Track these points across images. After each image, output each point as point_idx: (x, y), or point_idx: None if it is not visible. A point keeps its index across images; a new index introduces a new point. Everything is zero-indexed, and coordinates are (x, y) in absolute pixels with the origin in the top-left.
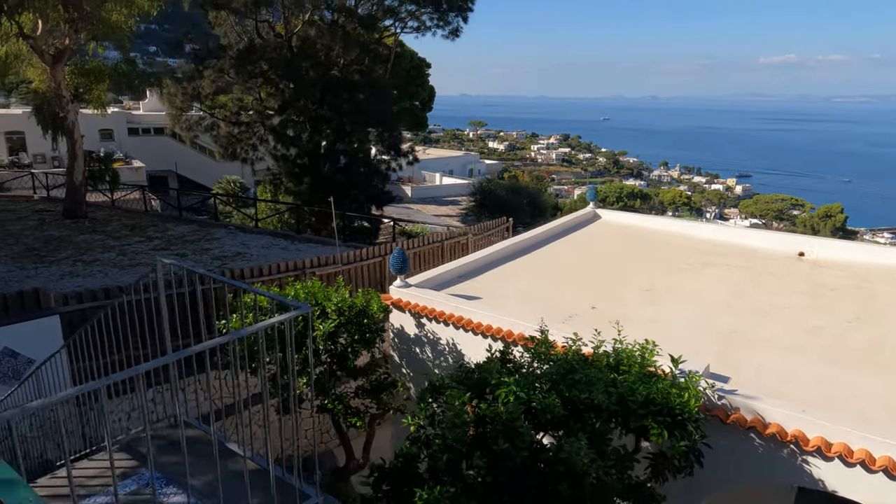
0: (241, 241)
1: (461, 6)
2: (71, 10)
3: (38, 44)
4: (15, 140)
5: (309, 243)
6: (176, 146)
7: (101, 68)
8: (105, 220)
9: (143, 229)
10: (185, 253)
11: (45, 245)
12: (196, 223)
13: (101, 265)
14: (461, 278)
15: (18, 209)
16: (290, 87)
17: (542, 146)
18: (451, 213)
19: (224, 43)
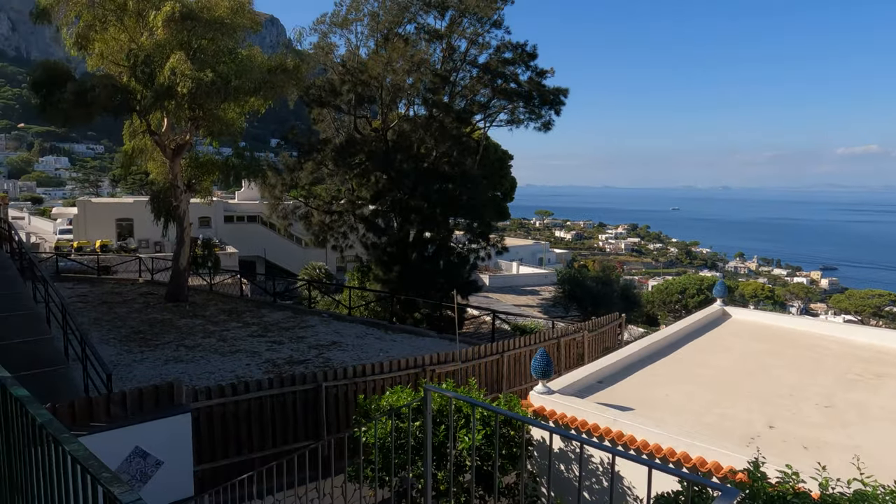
0: (335, 330)
1: (554, 100)
2: (196, 110)
3: (161, 139)
4: (124, 226)
5: (402, 333)
6: (265, 233)
7: (212, 161)
8: (204, 305)
9: (240, 314)
10: (281, 340)
11: (150, 328)
12: (290, 310)
13: (202, 351)
14: (601, 384)
15: (125, 291)
16: (383, 178)
17: (609, 236)
18: (532, 304)
19: (323, 137)
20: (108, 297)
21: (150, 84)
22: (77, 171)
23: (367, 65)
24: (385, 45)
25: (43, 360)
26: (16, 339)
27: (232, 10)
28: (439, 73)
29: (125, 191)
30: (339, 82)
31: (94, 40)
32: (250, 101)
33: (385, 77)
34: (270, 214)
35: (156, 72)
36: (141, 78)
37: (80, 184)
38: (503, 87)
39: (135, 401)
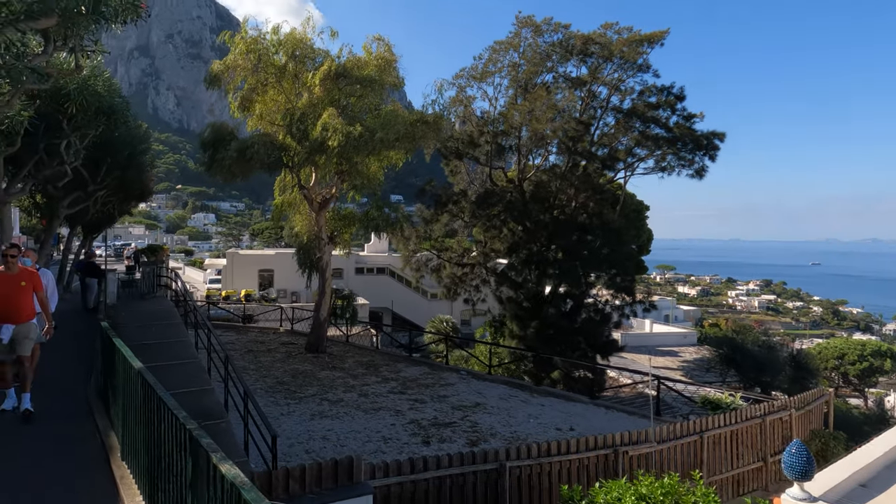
0: (476, 390)
1: (708, 145)
2: (343, 163)
3: (309, 193)
4: (265, 276)
5: (549, 397)
6: (393, 285)
7: (353, 214)
8: (342, 357)
9: (377, 368)
10: (422, 399)
11: (293, 379)
12: (426, 365)
13: (345, 406)
14: (866, 488)
15: (267, 340)
16: (518, 230)
17: (740, 292)
18: (672, 366)
19: (457, 189)
20: (253, 346)
21: (303, 140)
22: (222, 225)
23: (506, 115)
24: (524, 94)
25: (204, 412)
26: (181, 388)
27: (379, 69)
28: (582, 121)
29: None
30: (478, 133)
31: (256, 102)
32: (389, 155)
33: (524, 126)
34: (404, 266)
35: (309, 128)
36: (296, 134)
37: (224, 237)
38: (648, 132)
39: (314, 477)
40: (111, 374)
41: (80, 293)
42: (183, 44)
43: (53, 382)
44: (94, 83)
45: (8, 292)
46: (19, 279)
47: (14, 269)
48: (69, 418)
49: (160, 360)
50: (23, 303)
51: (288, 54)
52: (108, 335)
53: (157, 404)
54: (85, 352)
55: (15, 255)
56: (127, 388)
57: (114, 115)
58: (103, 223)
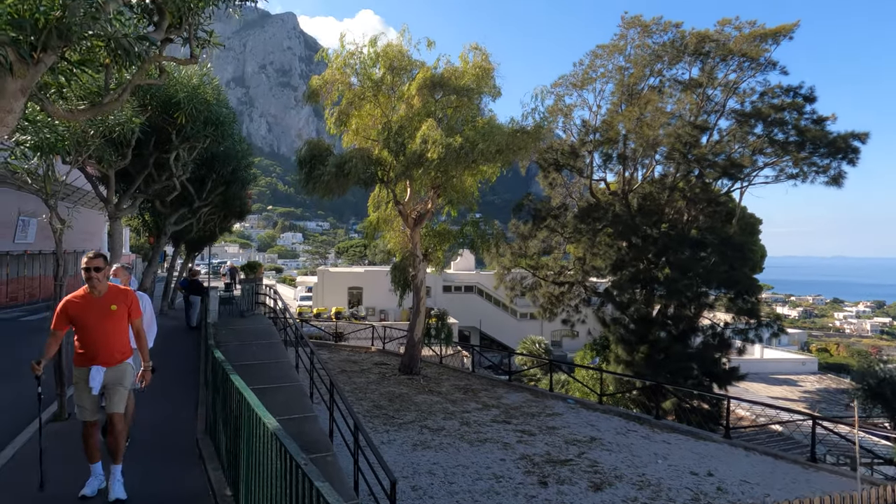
0: (588, 421)
1: (847, 148)
2: (440, 177)
3: (404, 209)
4: (354, 294)
5: (673, 433)
6: (481, 303)
7: (447, 230)
8: (436, 379)
9: (476, 393)
10: (530, 430)
11: (390, 403)
12: (527, 391)
13: (448, 436)
14: None
15: (360, 360)
16: (623, 246)
17: (849, 314)
18: (792, 396)
19: (555, 203)
20: (346, 366)
21: (400, 153)
22: (309, 244)
23: (611, 122)
24: (629, 100)
25: (308, 442)
26: (283, 414)
27: (477, 78)
28: (698, 125)
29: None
30: (579, 143)
31: (352, 116)
32: (482, 170)
33: (632, 133)
34: (497, 285)
35: (406, 141)
36: (393, 148)
37: (310, 255)
38: (773, 137)
39: None
40: (228, 419)
41: (184, 310)
42: (274, 73)
43: (156, 409)
44: (204, 91)
45: (95, 322)
46: (108, 302)
47: (101, 290)
48: (174, 458)
49: (261, 381)
50: (115, 335)
51: (385, 66)
52: (226, 372)
53: (298, 477)
54: (189, 377)
55: (101, 269)
56: (254, 445)
57: (221, 127)
58: (205, 241)
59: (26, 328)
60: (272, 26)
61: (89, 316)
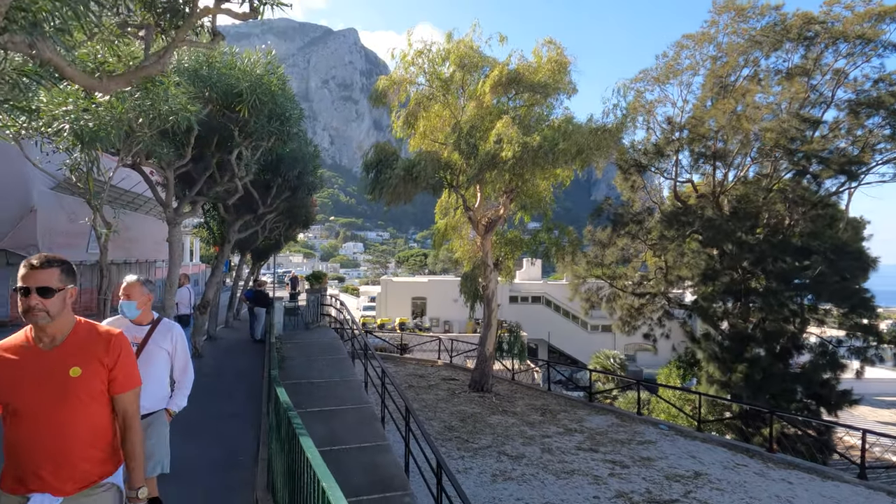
0: (687, 451)
1: None
2: (515, 181)
3: (475, 215)
4: (418, 304)
5: (793, 469)
6: (549, 315)
7: (519, 238)
8: (510, 398)
9: (554, 415)
10: (622, 461)
11: (462, 424)
12: (612, 413)
13: (529, 465)
14: None
15: (427, 374)
16: (714, 254)
17: None
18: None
19: (635, 208)
20: (413, 381)
21: (472, 155)
22: (369, 254)
23: (701, 117)
24: (722, 93)
25: (383, 479)
26: (353, 442)
27: (552, 73)
28: (806, 118)
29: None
30: (664, 142)
31: (420, 118)
32: (557, 173)
33: (729, 128)
34: (573, 296)
35: (477, 142)
36: (464, 150)
37: (371, 265)
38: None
39: None
40: (293, 489)
41: (249, 322)
42: (336, 87)
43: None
44: (269, 80)
45: (36, 401)
46: (67, 359)
47: (56, 334)
48: None
49: (329, 402)
50: (77, 429)
51: (456, 64)
52: (293, 429)
53: None
54: (249, 404)
55: (51, 291)
56: None
57: (287, 122)
58: (270, 250)
59: None
60: (334, 42)
61: (25, 388)
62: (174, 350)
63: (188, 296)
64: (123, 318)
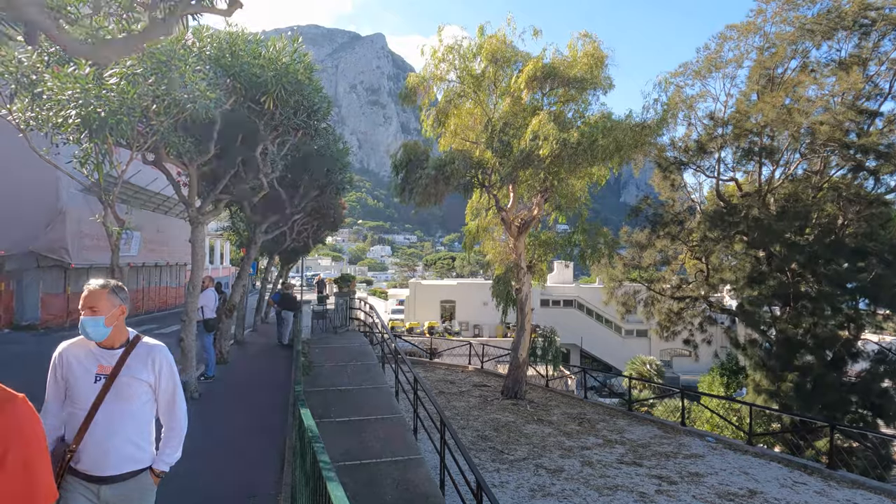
0: (738, 466)
1: None
2: (551, 179)
3: (508, 216)
4: (446, 308)
5: (857, 487)
6: (582, 319)
7: (553, 239)
8: (545, 406)
9: (593, 425)
10: (669, 476)
11: (496, 433)
12: (654, 423)
13: (569, 480)
14: None
15: (457, 380)
16: (761, 256)
17: None
18: None
19: (677, 208)
20: (443, 386)
21: (506, 153)
22: (397, 257)
23: (746, 112)
24: (770, 86)
25: (417, 497)
26: (386, 456)
27: (589, 67)
28: (863, 109)
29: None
30: (706, 138)
31: (450, 116)
32: (592, 171)
33: (779, 122)
34: (609, 299)
35: (511, 140)
36: (497, 147)
37: (399, 268)
38: None
39: None
40: None
41: (276, 326)
42: (364, 92)
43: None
44: (295, 69)
45: None
46: None
47: None
48: None
49: (359, 412)
50: None
51: (488, 59)
52: (319, 467)
53: None
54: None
55: None
56: None
57: (315, 115)
58: (298, 252)
59: None
60: (362, 47)
61: None
62: (158, 381)
63: (213, 299)
64: (86, 340)
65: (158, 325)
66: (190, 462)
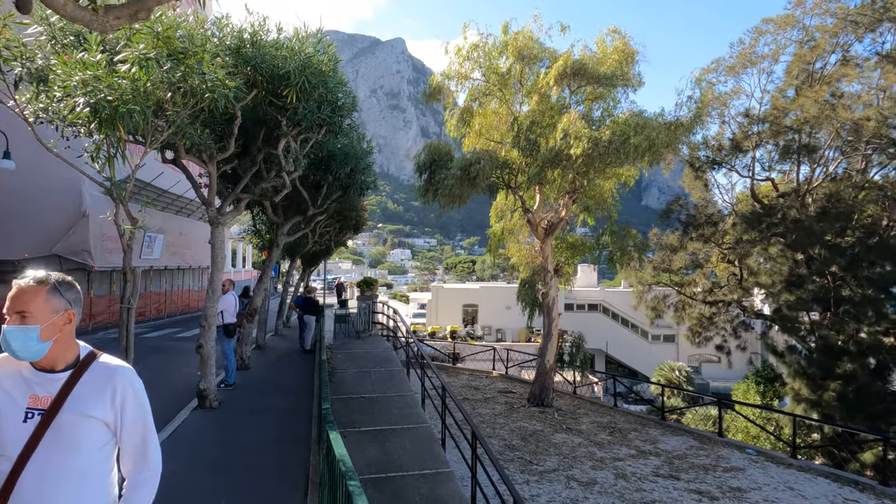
0: (783, 482)
1: None
2: (580, 180)
3: (534, 218)
4: (469, 312)
5: None
6: (607, 323)
7: (581, 242)
8: (573, 413)
9: (624, 434)
10: (710, 492)
11: (524, 443)
12: (689, 434)
13: (602, 493)
14: None
15: (482, 386)
16: (800, 259)
17: None
18: None
19: (709, 210)
20: (468, 393)
21: (534, 152)
22: (417, 260)
23: (784, 108)
24: (809, 80)
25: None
26: (413, 468)
27: (619, 63)
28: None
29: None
30: (742, 136)
31: (475, 115)
32: (620, 172)
33: (822, 118)
34: (637, 304)
35: (538, 139)
36: (524, 147)
37: (419, 271)
38: None
39: None
40: None
41: (298, 330)
42: (384, 96)
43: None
44: (318, 60)
45: None
46: None
47: None
48: None
49: (385, 421)
50: None
51: (515, 55)
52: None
53: None
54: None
55: None
56: None
57: (339, 111)
58: (320, 255)
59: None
60: (382, 52)
61: None
62: (119, 419)
63: (233, 303)
64: (10, 358)
65: (180, 329)
66: (210, 476)
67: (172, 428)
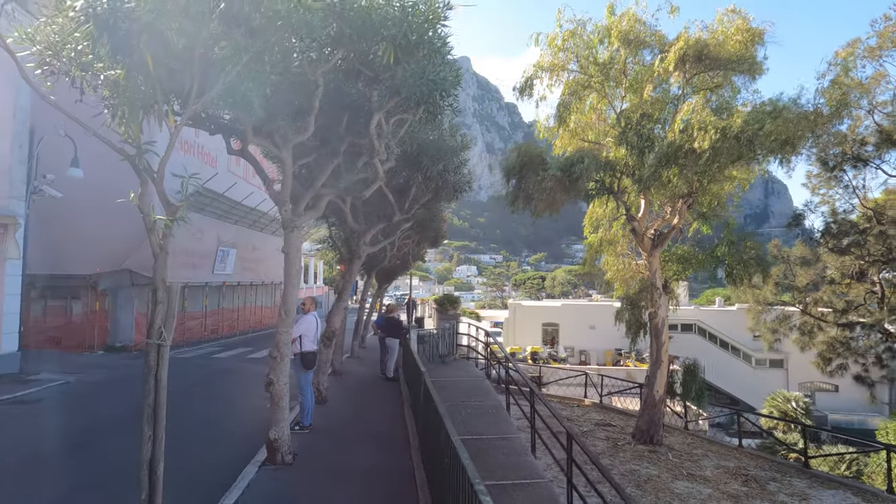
0: None
1: None
2: (700, 181)
3: (639, 226)
4: (549, 332)
5: None
6: (702, 345)
7: (692, 254)
8: (690, 455)
9: (762, 485)
10: None
11: (640, 492)
12: (845, 486)
13: None
14: None
15: (575, 417)
16: None
17: None
18: None
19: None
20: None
21: (646, 149)
22: (483, 277)
23: None
24: None
25: None
26: None
27: (743, 45)
28: None
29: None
30: (893, 127)
31: (572, 111)
32: (734, 174)
33: None
34: (755, 325)
35: (652, 135)
36: (634, 143)
37: (486, 288)
38: None
39: None
40: None
41: (379, 354)
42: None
43: None
44: (419, 11)
45: None
46: None
47: None
48: None
49: (488, 473)
50: None
51: (620, 40)
52: None
53: None
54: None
55: None
56: None
57: (441, 85)
58: (397, 270)
59: (212, 370)
60: None
61: None
62: None
63: (315, 326)
64: None
65: (252, 349)
66: None
67: (232, 500)
